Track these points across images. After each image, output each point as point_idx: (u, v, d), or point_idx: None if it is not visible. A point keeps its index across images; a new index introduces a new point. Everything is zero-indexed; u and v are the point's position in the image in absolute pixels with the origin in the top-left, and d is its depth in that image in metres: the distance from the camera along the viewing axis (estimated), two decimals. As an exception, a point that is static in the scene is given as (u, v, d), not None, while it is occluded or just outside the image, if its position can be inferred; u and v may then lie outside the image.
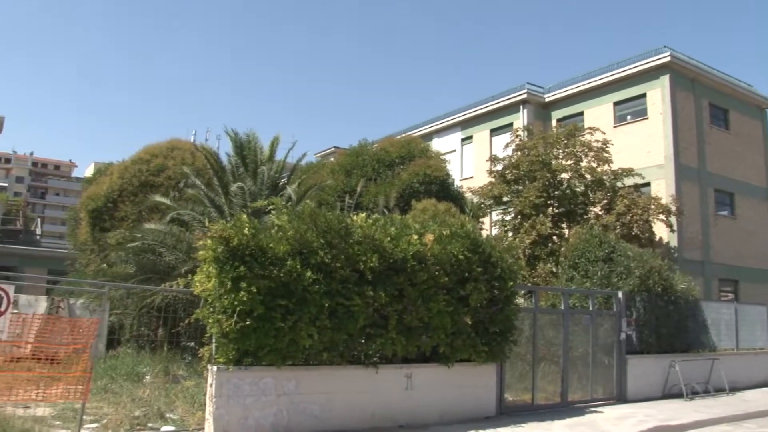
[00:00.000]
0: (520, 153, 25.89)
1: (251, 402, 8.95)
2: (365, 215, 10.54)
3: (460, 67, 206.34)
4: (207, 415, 8.87)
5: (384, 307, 9.87)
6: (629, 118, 30.10)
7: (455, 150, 36.88)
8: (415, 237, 10.57)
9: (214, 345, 9.01)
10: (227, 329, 8.65)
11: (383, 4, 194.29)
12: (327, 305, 9.28)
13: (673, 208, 24.76)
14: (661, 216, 24.18)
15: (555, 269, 21.64)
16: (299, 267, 9.16)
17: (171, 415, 9.91)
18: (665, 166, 27.80)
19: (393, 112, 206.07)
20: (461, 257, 10.89)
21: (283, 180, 18.21)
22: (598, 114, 30.86)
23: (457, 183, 29.43)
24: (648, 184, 27.51)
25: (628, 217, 23.20)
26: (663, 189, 27.13)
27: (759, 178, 32.51)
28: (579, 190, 24.79)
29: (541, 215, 23.70)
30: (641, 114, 29.56)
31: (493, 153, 30.01)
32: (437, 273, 10.54)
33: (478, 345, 11.10)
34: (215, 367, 8.80)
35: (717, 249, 29.22)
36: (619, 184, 24.93)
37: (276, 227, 9.50)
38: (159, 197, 18.81)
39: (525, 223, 23.86)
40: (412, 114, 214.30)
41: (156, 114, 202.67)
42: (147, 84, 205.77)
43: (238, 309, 8.62)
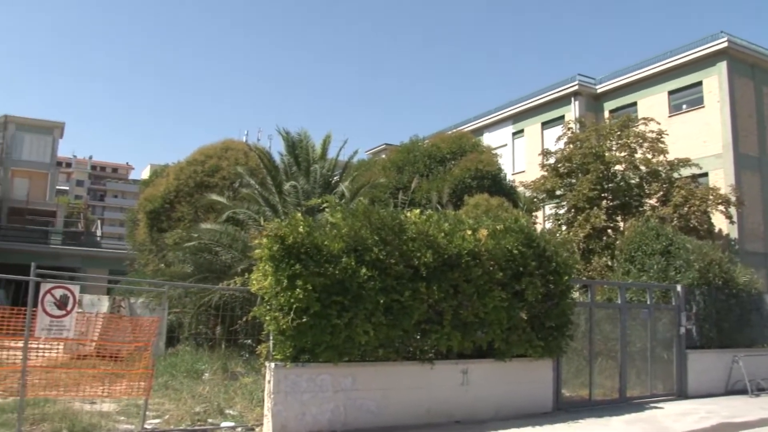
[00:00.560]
0: (572, 146, 25.53)
1: (309, 398, 9.04)
2: (419, 211, 10.54)
3: (510, 61, 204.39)
4: (265, 411, 8.99)
5: (439, 303, 9.86)
6: (685, 107, 29.38)
7: (506, 144, 36.61)
8: (469, 232, 10.52)
9: (271, 342, 9.12)
10: (284, 326, 8.75)
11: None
12: (382, 302, 9.31)
13: (733, 198, 24.09)
14: (720, 207, 23.56)
15: (610, 263, 21.31)
16: (354, 264, 9.21)
17: (230, 411, 10.09)
18: (723, 155, 27.05)
19: (443, 107, 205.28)
20: (515, 252, 10.80)
21: (336, 178, 18.30)
22: (652, 104, 30.20)
23: (509, 177, 29.22)
24: (705, 174, 26.82)
25: (685, 209, 22.68)
26: (721, 179, 26.40)
27: (824, 165, 31.38)
28: (634, 181, 24.31)
29: (595, 208, 23.32)
30: (697, 103, 28.82)
31: (545, 146, 29.68)
32: (492, 268, 10.47)
33: (533, 340, 11.00)
34: (273, 364, 8.91)
35: (781, 240, 28.28)
36: (676, 175, 24.37)
37: (330, 225, 9.58)
38: (215, 196, 19.13)
39: (579, 217, 23.54)
40: (462, 109, 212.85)
41: (209, 115, 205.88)
42: (199, 85, 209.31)
43: (294, 306, 8.71)
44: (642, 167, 24.17)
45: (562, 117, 32.62)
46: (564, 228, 24.55)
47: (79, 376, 9.60)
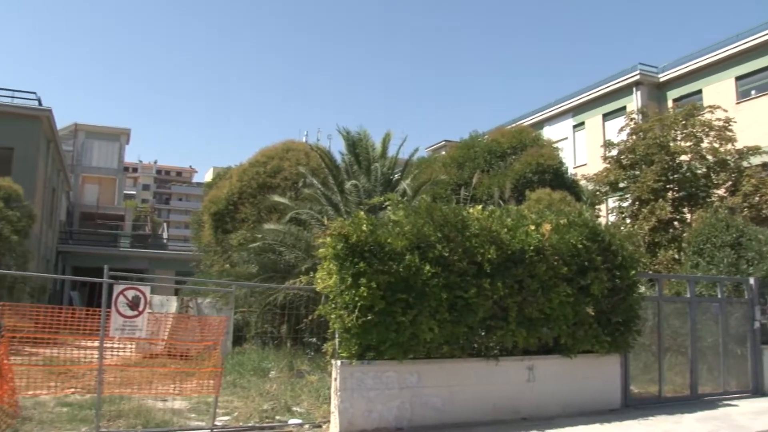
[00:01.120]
0: (635, 137, 24.94)
1: (375, 395, 9.11)
2: (481, 207, 10.50)
3: (569, 52, 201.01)
4: (332, 409, 9.10)
5: (503, 299, 9.80)
6: (754, 92, 28.39)
7: (567, 137, 36.10)
8: (532, 227, 10.44)
9: (337, 340, 9.21)
10: (349, 324, 8.83)
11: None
12: (446, 298, 9.31)
13: (808, 187, 23.14)
14: (794, 195, 22.65)
15: (677, 256, 20.74)
16: (418, 261, 9.24)
17: (297, 409, 10.25)
18: (797, 142, 26.01)
19: (502, 102, 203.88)
20: (580, 246, 10.65)
21: (396, 176, 18.33)
22: (718, 91, 29.26)
23: (571, 171, 28.77)
24: (777, 162, 25.85)
25: (756, 198, 21.87)
26: (795, 167, 25.40)
27: None
28: (700, 172, 23.59)
29: (661, 200, 22.72)
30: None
31: (607, 138, 29.09)
32: (556, 263, 10.35)
33: (600, 335, 10.83)
34: (339, 362, 9.00)
35: None
36: (745, 163, 23.51)
37: (393, 223, 9.62)
38: (277, 197, 19.40)
39: (643, 209, 22.98)
40: (521, 103, 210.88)
41: (268, 117, 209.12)
42: (258, 86, 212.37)
43: (359, 304, 8.78)
44: (709, 157, 23.44)
45: (623, 108, 31.96)
46: (628, 221, 24.02)
47: (151, 374, 9.89)
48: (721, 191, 23.23)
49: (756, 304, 13.84)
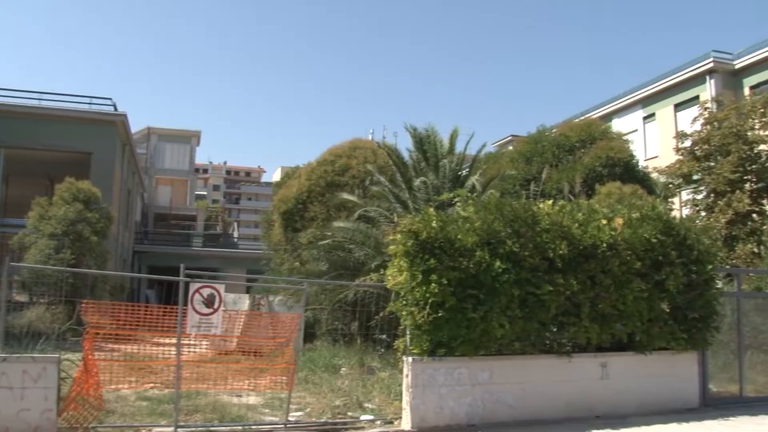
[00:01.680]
0: (709, 126, 24.12)
1: (446, 392, 9.13)
2: (551, 202, 10.38)
3: (636, 42, 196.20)
4: (404, 405, 9.14)
5: (575, 295, 9.67)
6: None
7: (637, 129, 35.18)
8: (604, 222, 10.27)
9: (408, 337, 9.27)
10: (420, 321, 8.87)
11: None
12: (517, 294, 9.25)
13: None
14: None
15: (757, 250, 20.03)
16: (488, 257, 9.21)
17: (369, 405, 10.32)
18: None
19: (569, 95, 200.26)
20: (654, 241, 10.42)
21: (464, 172, 18.24)
22: (799, 76, 28.08)
23: (642, 164, 28.05)
24: None
25: (841, 189, 20.97)
26: None
27: None
28: (780, 161, 22.72)
29: (738, 191, 21.95)
30: None
31: (679, 129, 28.26)
32: (629, 258, 10.16)
33: (676, 332, 10.57)
34: (410, 358, 9.05)
35: None
36: (829, 152, 22.54)
37: (463, 219, 9.61)
38: (346, 195, 19.56)
39: (719, 201, 22.24)
40: (588, 96, 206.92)
41: (333, 116, 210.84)
42: (323, 86, 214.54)
43: (430, 301, 8.81)
44: (790, 146, 22.55)
45: (696, 97, 30.88)
46: (703, 214, 23.30)
47: (226, 370, 10.12)
48: (804, 182, 22.29)
49: (844, 299, 13.25)
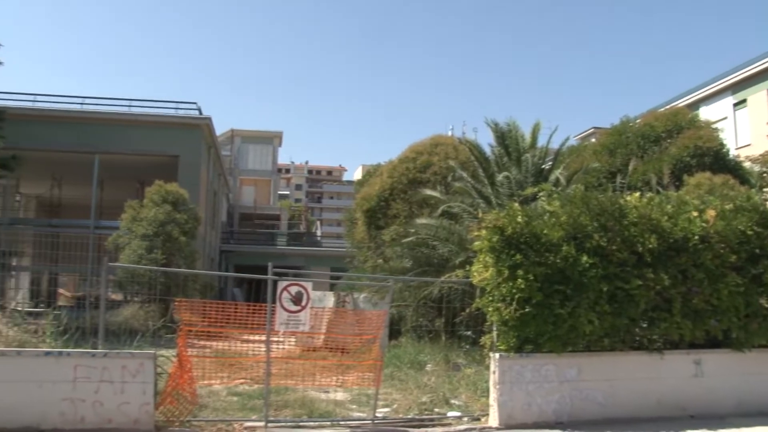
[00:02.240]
0: (808, 111, 23.04)
1: (534, 389, 9.06)
2: (638, 195, 10.14)
3: (721, 27, 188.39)
4: (491, 401, 9.13)
5: (666, 290, 9.41)
6: None
7: (726, 117, 33.77)
8: (695, 214, 9.94)
9: (494, 333, 9.25)
10: (507, 317, 8.85)
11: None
12: (605, 290, 9.09)
13: None
14: None
15: None
16: (574, 252, 9.09)
17: (455, 401, 10.33)
18: None
19: (652, 84, 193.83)
20: (750, 233, 10.00)
21: (547, 166, 17.99)
22: None
23: (733, 153, 26.94)
24: None
25: None
26: None
27: None
28: None
29: (842, 179, 20.90)
30: None
31: (774, 115, 27.03)
32: (723, 251, 9.80)
33: (777, 328, 10.13)
34: (497, 355, 9.03)
35: None
36: None
37: (548, 213, 9.51)
38: (428, 191, 19.57)
39: (821, 190, 21.21)
40: (672, 84, 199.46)
41: (412, 113, 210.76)
42: (402, 82, 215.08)
43: (516, 297, 8.78)
44: None
45: (793, 81, 29.48)
46: (803, 204, 22.24)
47: (313, 367, 10.30)
48: None
49: None
